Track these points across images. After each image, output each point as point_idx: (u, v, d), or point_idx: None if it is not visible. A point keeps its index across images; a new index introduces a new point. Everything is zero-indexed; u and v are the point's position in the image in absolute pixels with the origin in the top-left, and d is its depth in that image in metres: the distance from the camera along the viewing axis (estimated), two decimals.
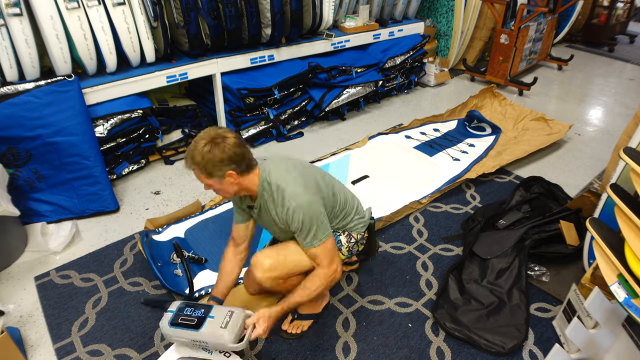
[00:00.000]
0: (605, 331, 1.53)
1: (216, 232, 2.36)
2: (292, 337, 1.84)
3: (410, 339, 1.86)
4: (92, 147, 2.46)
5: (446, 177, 2.88)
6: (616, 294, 1.33)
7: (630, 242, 1.37)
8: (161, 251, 2.19)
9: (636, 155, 1.48)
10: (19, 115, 2.26)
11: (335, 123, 3.74)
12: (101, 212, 2.55)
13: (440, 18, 4.72)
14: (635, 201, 1.47)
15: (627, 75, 5.20)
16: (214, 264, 2.13)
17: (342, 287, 2.10)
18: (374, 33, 4.03)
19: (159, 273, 1.98)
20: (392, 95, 4.30)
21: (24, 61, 2.38)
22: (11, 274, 2.15)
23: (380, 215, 2.45)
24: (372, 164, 3.03)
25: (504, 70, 4.42)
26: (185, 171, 2.98)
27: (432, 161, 3.06)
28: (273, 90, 3.22)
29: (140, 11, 2.63)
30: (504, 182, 2.93)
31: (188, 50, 2.98)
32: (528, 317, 1.92)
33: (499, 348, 1.79)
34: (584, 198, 2.40)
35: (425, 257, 2.29)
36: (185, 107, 3.20)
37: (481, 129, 3.56)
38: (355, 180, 2.83)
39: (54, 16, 2.35)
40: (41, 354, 1.78)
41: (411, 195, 2.67)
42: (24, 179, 2.39)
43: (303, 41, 3.54)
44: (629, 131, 2.22)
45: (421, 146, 3.24)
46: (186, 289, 2.00)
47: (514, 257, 2.18)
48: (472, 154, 3.16)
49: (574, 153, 3.35)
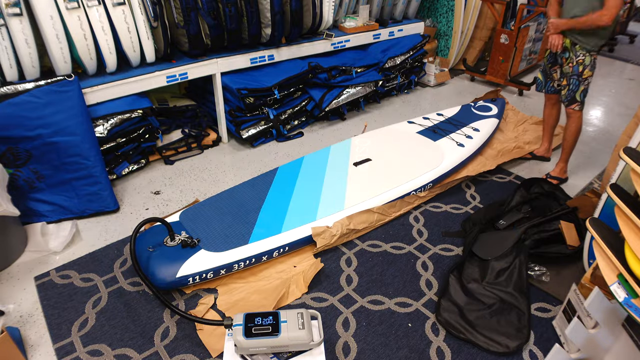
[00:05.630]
0: (605, 331, 1.53)
1: (211, 214, 2.33)
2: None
3: (410, 339, 1.86)
4: (92, 147, 2.46)
5: (451, 163, 2.84)
6: (616, 294, 1.33)
7: (630, 242, 1.37)
8: (155, 235, 2.17)
9: (636, 155, 1.48)
10: (19, 115, 2.26)
11: (335, 123, 3.74)
12: (101, 212, 2.55)
13: (440, 18, 4.72)
14: (635, 201, 1.47)
15: (627, 75, 5.20)
16: (208, 243, 2.12)
17: (342, 287, 2.10)
18: (374, 33, 4.03)
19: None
20: (392, 95, 4.30)
21: (24, 61, 2.38)
22: (11, 274, 2.15)
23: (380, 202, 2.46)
24: (375, 147, 2.99)
25: (504, 70, 4.42)
26: (185, 171, 3.00)
27: (437, 145, 3.01)
28: (273, 90, 3.22)
29: (140, 11, 2.63)
30: (504, 182, 2.93)
31: (188, 50, 2.98)
32: (529, 317, 1.93)
33: (504, 348, 1.80)
34: (584, 197, 2.40)
35: (425, 257, 2.29)
36: (185, 107, 3.20)
37: (487, 108, 3.54)
38: (357, 162, 2.81)
39: (54, 16, 2.35)
40: (41, 354, 1.78)
41: (415, 181, 2.64)
42: (24, 178, 2.39)
43: (303, 41, 3.54)
44: (629, 131, 2.22)
45: (425, 131, 3.21)
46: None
47: (514, 258, 2.18)
48: (477, 138, 3.10)
49: (574, 153, 3.34)
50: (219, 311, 1.94)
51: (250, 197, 2.47)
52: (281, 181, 2.61)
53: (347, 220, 2.35)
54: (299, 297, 2.03)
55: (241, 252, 2.09)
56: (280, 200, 2.44)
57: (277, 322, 1.59)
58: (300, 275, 2.12)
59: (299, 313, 1.63)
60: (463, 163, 2.90)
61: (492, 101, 3.65)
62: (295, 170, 2.72)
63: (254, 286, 2.08)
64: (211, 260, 2.03)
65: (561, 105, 2.93)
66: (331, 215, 2.35)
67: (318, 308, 1.98)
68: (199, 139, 3.24)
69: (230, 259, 2.06)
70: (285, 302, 2.00)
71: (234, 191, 2.52)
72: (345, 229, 2.32)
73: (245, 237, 2.16)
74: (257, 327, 1.57)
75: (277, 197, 2.47)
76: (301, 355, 1.59)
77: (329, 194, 2.50)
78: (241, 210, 2.35)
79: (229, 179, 2.95)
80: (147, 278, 1.94)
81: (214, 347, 1.78)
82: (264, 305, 1.95)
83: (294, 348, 1.58)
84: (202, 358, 1.75)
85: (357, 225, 2.37)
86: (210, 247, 2.09)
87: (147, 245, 2.08)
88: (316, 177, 2.65)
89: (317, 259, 2.22)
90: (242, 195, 2.49)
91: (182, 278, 1.97)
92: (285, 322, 1.59)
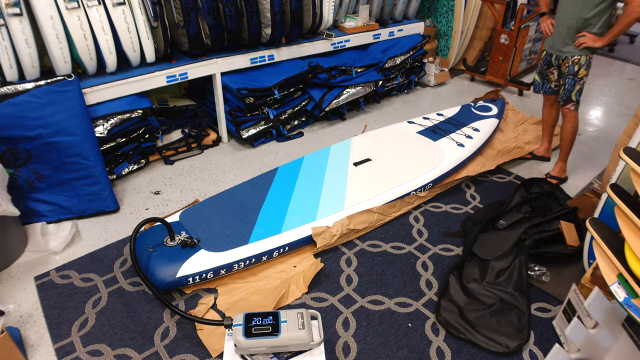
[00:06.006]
0: (605, 331, 1.53)
1: (211, 214, 2.33)
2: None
3: (410, 339, 1.86)
4: (92, 147, 2.46)
5: (451, 163, 2.84)
6: (616, 294, 1.33)
7: (630, 242, 1.37)
8: (155, 235, 2.17)
9: (636, 155, 1.48)
10: (19, 115, 2.26)
11: (335, 123, 3.74)
12: (101, 212, 2.55)
13: (440, 18, 4.72)
14: (635, 201, 1.47)
15: (627, 75, 5.20)
16: (208, 243, 2.12)
17: (342, 287, 2.10)
18: (374, 33, 4.03)
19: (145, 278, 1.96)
20: (392, 95, 4.30)
21: (24, 61, 2.38)
22: (11, 274, 2.15)
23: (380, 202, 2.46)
24: (375, 147, 2.99)
25: (504, 70, 4.42)
26: (185, 171, 2.99)
27: (437, 145, 3.01)
28: (273, 90, 3.22)
29: (140, 11, 2.63)
30: (504, 182, 2.93)
31: (188, 50, 2.98)
32: (530, 317, 1.93)
33: (504, 348, 1.80)
34: (584, 197, 2.40)
35: (425, 257, 2.29)
36: (185, 107, 3.20)
37: (487, 108, 3.54)
38: (357, 162, 2.81)
39: (54, 16, 2.35)
40: (41, 354, 1.78)
41: (415, 181, 2.64)
42: (24, 178, 2.39)
43: (303, 41, 3.54)
44: (629, 131, 2.22)
45: (425, 131, 3.21)
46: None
47: (514, 258, 2.18)
48: (477, 138, 3.11)
49: (574, 153, 3.35)
50: (219, 311, 1.94)
51: (250, 197, 2.47)
52: (281, 181, 2.61)
53: (347, 220, 2.35)
54: (299, 297, 2.03)
55: (241, 252, 2.09)
56: (280, 200, 2.44)
57: (277, 322, 1.59)
58: (300, 275, 2.12)
59: (299, 313, 1.63)
60: (463, 163, 2.91)
61: (492, 101, 3.65)
62: (295, 170, 2.72)
63: (254, 286, 2.08)
64: (211, 260, 2.03)
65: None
66: (331, 215, 2.35)
67: (318, 308, 1.98)
68: (199, 139, 3.25)
69: (230, 259, 2.06)
70: (285, 302, 2.00)
71: (234, 191, 2.52)
72: (345, 229, 2.32)
73: (245, 237, 2.16)
74: (257, 327, 1.57)
75: (277, 197, 2.47)
76: (301, 355, 1.59)
77: (329, 194, 2.50)
78: (241, 210, 2.35)
79: (229, 179, 2.95)
80: (147, 278, 1.94)
81: (214, 347, 1.78)
82: (264, 305, 1.95)
83: (294, 348, 1.58)
84: (202, 358, 1.75)
85: (357, 225, 2.37)
86: (210, 247, 2.09)
87: (147, 245, 2.08)
88: (316, 177, 2.65)
89: (317, 259, 2.22)
90: (242, 195, 2.49)
91: (182, 278, 1.97)
92: (285, 322, 1.60)
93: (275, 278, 2.12)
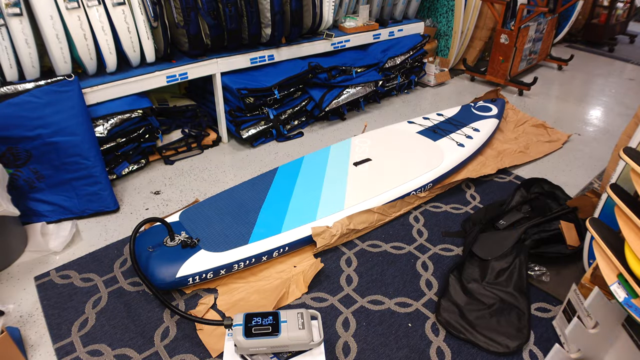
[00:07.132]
0: (605, 331, 1.53)
1: (211, 214, 2.33)
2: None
3: (410, 339, 1.86)
4: (92, 147, 2.46)
5: (451, 163, 2.84)
6: (616, 294, 1.33)
7: (630, 242, 1.37)
8: (155, 235, 2.17)
9: (636, 155, 1.48)
10: (19, 115, 2.26)
11: (335, 123, 3.74)
12: (101, 212, 2.55)
13: (440, 18, 4.72)
14: (635, 201, 1.47)
15: (627, 75, 5.20)
16: (208, 243, 2.12)
17: (342, 287, 2.10)
18: (374, 33, 4.03)
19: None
20: (392, 95, 4.30)
21: (24, 61, 2.38)
22: (11, 274, 2.15)
23: (380, 202, 2.46)
24: (375, 147, 2.99)
25: (504, 70, 4.42)
26: (185, 171, 2.99)
27: (437, 145, 3.01)
28: (273, 90, 3.22)
29: (140, 11, 2.63)
30: (504, 182, 2.93)
31: (188, 50, 2.98)
32: (530, 317, 1.93)
33: (504, 348, 1.79)
34: (584, 197, 2.40)
35: (425, 257, 2.29)
36: (185, 107, 3.20)
37: (487, 108, 3.54)
38: (357, 162, 2.81)
39: (54, 16, 2.35)
40: (41, 354, 1.78)
41: (415, 181, 2.64)
42: (24, 179, 2.39)
43: (303, 41, 3.54)
44: (629, 131, 2.22)
45: (425, 131, 3.21)
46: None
47: (514, 258, 2.18)
48: (477, 138, 3.11)
49: (574, 153, 3.35)
50: (219, 311, 1.95)
51: (250, 197, 2.47)
52: (281, 181, 2.61)
53: (347, 220, 2.35)
54: (299, 297, 2.03)
55: (241, 252, 2.09)
56: (280, 200, 2.44)
57: (277, 322, 1.59)
58: (300, 275, 2.12)
59: (299, 313, 1.63)
60: (463, 163, 2.91)
61: (492, 101, 3.65)
62: (295, 170, 2.72)
63: (254, 286, 2.08)
64: (211, 260, 2.03)
65: None
66: (331, 215, 2.35)
67: (318, 308, 1.98)
68: (199, 139, 3.25)
69: (230, 259, 2.06)
70: (285, 302, 2.00)
71: (233, 191, 2.53)
72: (345, 229, 2.32)
73: (245, 237, 2.16)
74: (257, 327, 1.57)
75: (277, 197, 2.47)
76: (301, 355, 1.59)
77: (328, 194, 2.50)
78: (241, 210, 2.35)
79: (229, 179, 2.95)
80: (147, 278, 1.94)
81: (214, 347, 1.78)
82: (264, 305, 1.95)
83: (294, 348, 1.58)
84: (202, 358, 1.75)
85: (357, 225, 2.37)
86: (210, 247, 2.09)
87: (147, 245, 2.08)
88: (316, 177, 2.65)
89: (317, 259, 2.22)
90: (242, 195, 2.49)
91: (182, 278, 1.97)
92: (285, 322, 1.59)
93: (275, 278, 2.12)
